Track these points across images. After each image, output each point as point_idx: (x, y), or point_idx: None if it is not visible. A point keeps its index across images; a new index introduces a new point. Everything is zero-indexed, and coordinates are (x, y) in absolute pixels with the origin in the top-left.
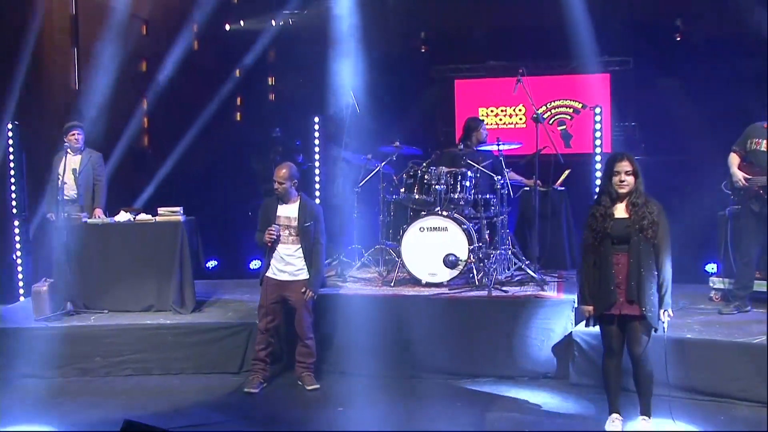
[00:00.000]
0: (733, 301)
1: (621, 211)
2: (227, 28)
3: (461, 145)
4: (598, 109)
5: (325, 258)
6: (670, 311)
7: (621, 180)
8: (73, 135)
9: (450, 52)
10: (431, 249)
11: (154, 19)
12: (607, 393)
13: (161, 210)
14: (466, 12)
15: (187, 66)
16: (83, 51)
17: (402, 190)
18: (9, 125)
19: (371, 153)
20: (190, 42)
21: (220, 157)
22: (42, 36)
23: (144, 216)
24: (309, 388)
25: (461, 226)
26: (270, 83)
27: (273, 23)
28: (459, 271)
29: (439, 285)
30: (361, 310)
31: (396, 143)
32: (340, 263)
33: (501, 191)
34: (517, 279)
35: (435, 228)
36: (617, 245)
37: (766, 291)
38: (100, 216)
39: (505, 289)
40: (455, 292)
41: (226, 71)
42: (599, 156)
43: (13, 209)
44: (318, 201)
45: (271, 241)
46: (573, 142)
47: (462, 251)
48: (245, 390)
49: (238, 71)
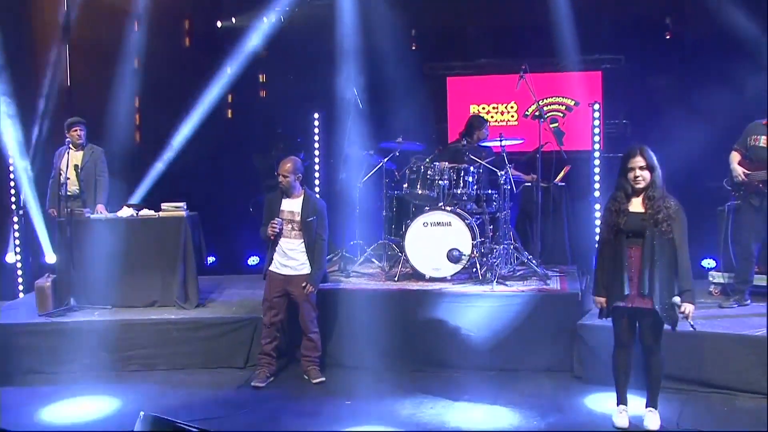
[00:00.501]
0: (733, 295)
1: (637, 206)
2: (219, 25)
3: (464, 141)
4: (596, 106)
5: (327, 253)
6: (688, 305)
7: (636, 176)
8: (76, 131)
9: (442, 49)
10: (435, 244)
11: (146, 16)
12: (616, 385)
13: (164, 205)
14: (458, 9)
15: (179, 63)
16: (75, 48)
17: (405, 185)
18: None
19: (371, 149)
20: (182, 39)
21: (214, 154)
22: (34, 32)
23: (147, 212)
24: (315, 381)
25: (464, 221)
26: (261, 80)
27: (265, 20)
28: (462, 266)
29: (443, 280)
30: (366, 304)
31: (399, 139)
32: (342, 259)
33: (503, 187)
34: (519, 274)
35: (439, 223)
36: (632, 238)
37: (765, 285)
38: (101, 212)
39: (509, 284)
40: (459, 286)
41: (217, 68)
42: (598, 152)
43: (12, 205)
44: (318, 197)
45: (274, 234)
46: (566, 139)
47: (465, 246)
48: (252, 384)
49: (229, 68)
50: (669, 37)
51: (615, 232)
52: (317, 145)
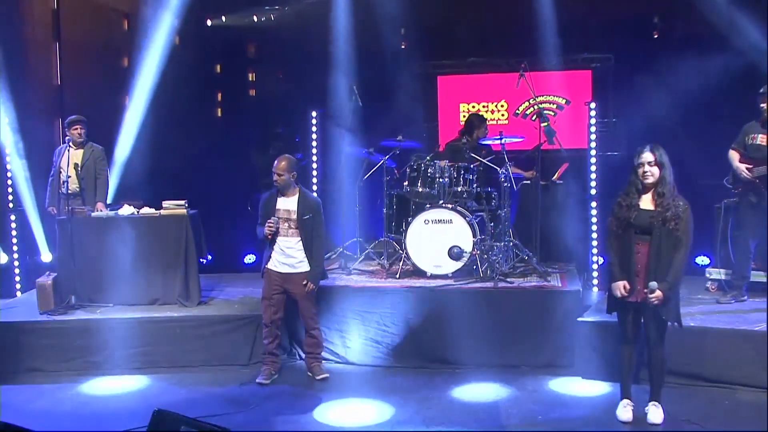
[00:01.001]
0: (731, 291)
1: (647, 203)
2: (209, 23)
3: (464, 139)
4: (592, 105)
5: (326, 251)
6: (659, 292)
7: (644, 171)
8: (76, 129)
9: (432, 48)
10: (436, 241)
11: (135, 14)
12: (620, 379)
13: (166, 203)
14: (447, 8)
15: (168, 61)
16: (65, 46)
17: (405, 183)
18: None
19: (369, 147)
20: (171, 37)
21: (208, 152)
22: (23, 31)
23: (148, 209)
24: (318, 377)
25: (465, 218)
26: (251, 79)
27: (255, 18)
28: (463, 263)
29: (444, 277)
30: (368, 301)
31: (399, 137)
32: (342, 256)
33: (503, 184)
34: (519, 270)
35: (440, 220)
36: (640, 235)
37: (764, 281)
38: (102, 210)
39: (510, 280)
40: (461, 283)
41: (206, 67)
42: (594, 151)
43: (9, 204)
44: (316, 195)
45: (271, 234)
46: (558, 138)
47: (466, 243)
48: (257, 381)
49: (218, 66)
50: (657, 36)
51: (624, 227)
52: (315, 143)
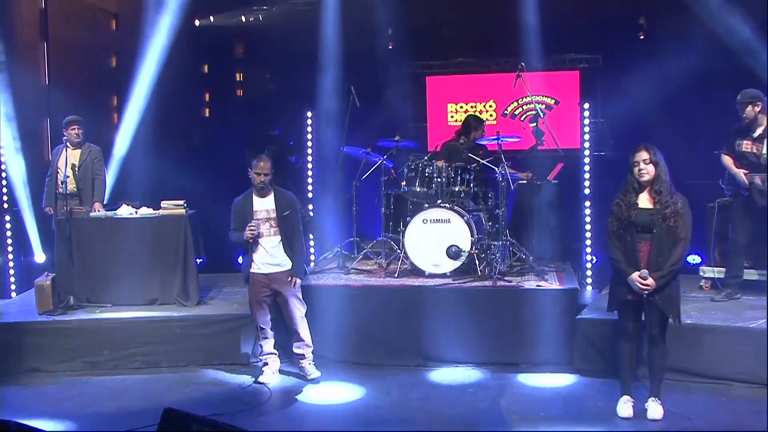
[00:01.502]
0: (724, 289)
1: (645, 201)
2: (197, 23)
3: (461, 140)
4: (586, 105)
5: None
6: (652, 280)
7: (640, 169)
8: (74, 129)
9: (421, 48)
10: (434, 240)
11: (123, 14)
12: (621, 376)
13: (164, 203)
14: (436, 8)
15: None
16: (53, 46)
17: (403, 183)
18: None
19: (367, 147)
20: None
21: (201, 153)
22: (11, 30)
23: (146, 210)
24: (310, 377)
25: (463, 218)
26: (239, 79)
27: (243, 19)
28: (461, 262)
29: (443, 276)
30: (366, 300)
31: (396, 137)
32: (340, 256)
33: (501, 184)
34: (517, 270)
35: (438, 220)
36: (641, 233)
37: (756, 279)
38: (99, 210)
39: (509, 279)
40: (459, 282)
41: (195, 67)
42: (587, 151)
43: (4, 204)
44: (311, 196)
45: (253, 237)
46: (546, 138)
47: (464, 243)
48: (258, 380)
49: (206, 66)
50: (643, 37)
51: (625, 226)
52: (310, 144)
